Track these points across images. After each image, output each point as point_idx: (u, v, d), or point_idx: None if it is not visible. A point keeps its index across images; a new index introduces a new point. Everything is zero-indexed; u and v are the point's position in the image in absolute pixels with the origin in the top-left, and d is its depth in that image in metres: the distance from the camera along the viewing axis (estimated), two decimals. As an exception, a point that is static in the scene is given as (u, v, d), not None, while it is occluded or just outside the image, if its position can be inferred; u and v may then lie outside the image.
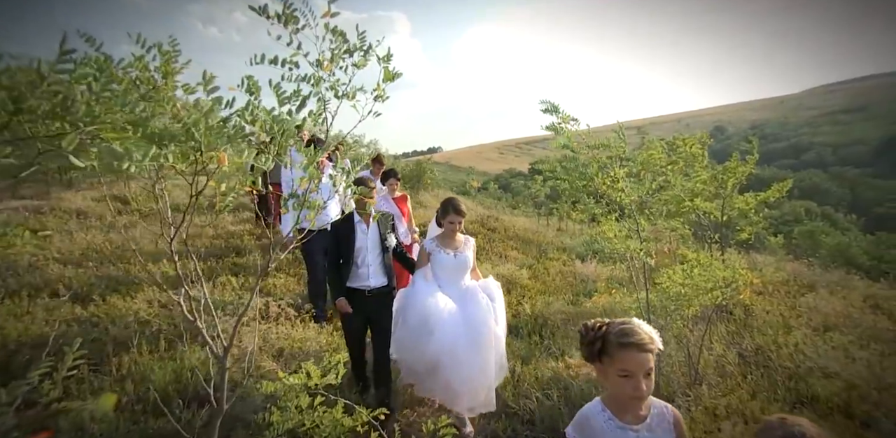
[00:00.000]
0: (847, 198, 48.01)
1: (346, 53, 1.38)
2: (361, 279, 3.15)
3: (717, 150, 11.07)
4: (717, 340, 4.34)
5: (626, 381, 1.34)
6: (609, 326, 1.41)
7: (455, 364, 2.89)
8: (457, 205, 3.22)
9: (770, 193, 4.87)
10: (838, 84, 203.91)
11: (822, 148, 70.41)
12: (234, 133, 1.10)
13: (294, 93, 1.23)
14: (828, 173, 54.37)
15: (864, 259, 15.00)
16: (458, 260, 3.22)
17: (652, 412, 1.46)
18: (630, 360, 1.33)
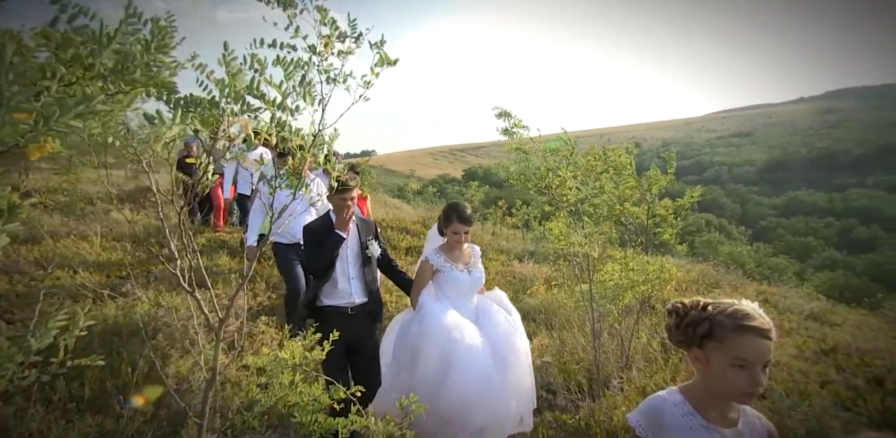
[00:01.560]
0: (738, 212, 54.47)
1: (339, 39, 1.42)
2: (342, 295, 2.63)
3: (636, 164, 12.21)
4: (643, 331, 4.81)
5: (739, 373, 1.11)
6: (717, 306, 1.19)
7: (485, 398, 2.43)
8: (462, 211, 2.72)
9: (686, 200, 5.49)
10: (729, 111, 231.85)
11: (719, 166, 79.31)
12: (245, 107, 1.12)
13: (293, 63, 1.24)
14: (724, 189, 61.33)
15: (752, 265, 17.24)
16: (473, 277, 2.77)
17: (742, 418, 1.23)
18: (750, 347, 1.11)
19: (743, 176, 75.63)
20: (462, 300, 2.73)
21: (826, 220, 51.58)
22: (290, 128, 1.14)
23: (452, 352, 2.44)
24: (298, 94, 1.12)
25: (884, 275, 33.31)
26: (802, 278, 22.75)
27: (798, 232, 46.72)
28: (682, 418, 1.19)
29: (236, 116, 1.04)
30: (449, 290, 2.73)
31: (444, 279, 2.72)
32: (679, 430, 1.17)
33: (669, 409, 1.21)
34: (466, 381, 2.39)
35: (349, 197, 2.60)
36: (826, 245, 43.60)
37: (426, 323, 2.59)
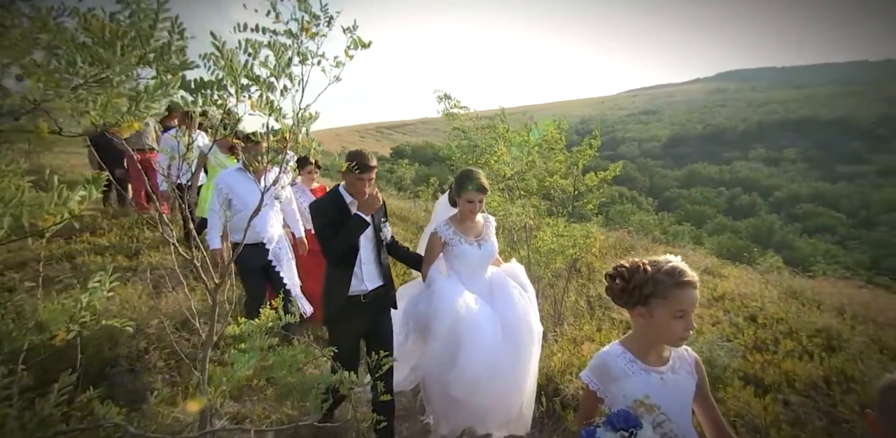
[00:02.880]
0: (647, 184, 59.61)
1: (315, 23, 1.52)
2: (356, 281, 2.46)
3: None
4: (572, 291, 5.38)
5: (678, 322, 1.29)
6: (656, 265, 1.33)
7: (495, 380, 2.33)
8: (476, 177, 2.48)
9: (609, 172, 6.07)
10: (638, 90, 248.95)
11: (630, 142, 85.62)
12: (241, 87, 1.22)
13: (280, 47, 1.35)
14: (635, 163, 66.54)
15: (658, 232, 19.30)
16: (483, 250, 2.57)
17: (673, 354, 1.42)
18: (687, 299, 1.27)
19: (650, 151, 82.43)
20: (473, 274, 2.56)
21: (718, 190, 58.14)
22: (279, 109, 1.24)
23: (461, 331, 2.33)
24: (286, 76, 1.22)
25: (760, 236, 38.65)
26: (698, 242, 25.87)
27: (695, 202, 52.34)
28: (626, 366, 1.36)
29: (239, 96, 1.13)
30: (458, 264, 2.55)
31: (453, 253, 2.53)
32: (624, 376, 1.35)
33: (613, 360, 1.38)
34: (476, 361, 2.28)
35: (369, 177, 2.38)
36: (717, 212, 49.36)
37: (434, 301, 2.45)
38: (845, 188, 57.28)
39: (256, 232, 3.31)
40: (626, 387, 1.33)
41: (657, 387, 1.33)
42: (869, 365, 3.02)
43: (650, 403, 1.25)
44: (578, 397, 2.97)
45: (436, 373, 2.44)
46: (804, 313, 4.33)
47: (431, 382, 2.51)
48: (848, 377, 2.93)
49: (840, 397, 2.69)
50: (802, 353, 3.43)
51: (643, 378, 1.34)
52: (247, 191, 3.26)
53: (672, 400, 1.32)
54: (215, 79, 1.10)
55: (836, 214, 49.74)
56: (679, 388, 1.37)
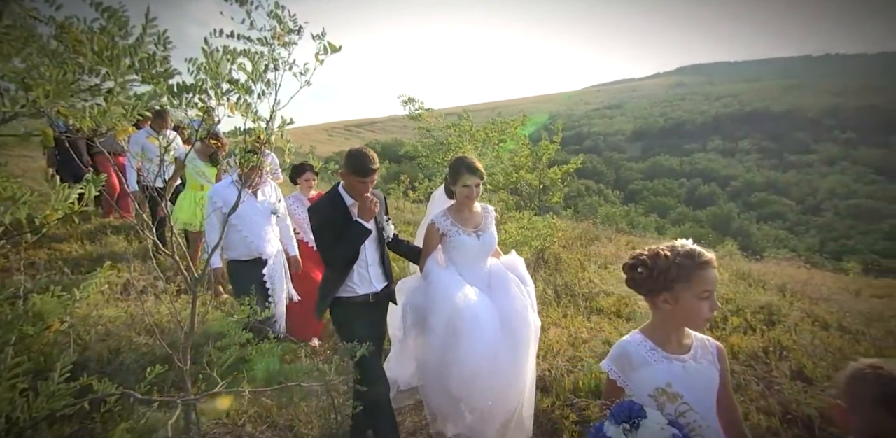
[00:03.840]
0: (613, 177, 61.30)
1: (286, 32, 1.62)
2: (363, 284, 2.37)
3: None
4: (539, 280, 5.62)
5: (703, 303, 1.28)
6: (674, 250, 1.33)
7: (495, 374, 2.26)
8: (471, 162, 2.41)
9: (570, 166, 6.34)
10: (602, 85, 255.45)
11: (596, 136, 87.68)
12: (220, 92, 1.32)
13: (257, 54, 1.46)
14: (601, 157, 68.28)
15: (624, 223, 20.03)
16: (482, 241, 2.49)
17: (694, 343, 1.40)
18: (710, 278, 1.28)
19: (615, 144, 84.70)
20: (472, 266, 2.49)
21: (679, 181, 60.35)
22: (255, 111, 1.34)
23: (459, 324, 2.26)
24: (262, 81, 1.33)
25: (719, 224, 40.49)
26: (661, 232, 26.96)
27: (658, 193, 54.23)
28: (647, 354, 1.34)
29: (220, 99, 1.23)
30: (457, 256, 2.49)
31: (451, 244, 2.47)
32: (645, 364, 1.33)
33: (634, 349, 1.36)
34: (475, 355, 2.21)
35: (371, 180, 2.26)
36: (679, 202, 51.32)
37: (431, 292, 2.40)
38: (794, 176, 60.61)
39: (253, 248, 3.15)
40: (647, 375, 1.31)
41: (679, 375, 1.31)
42: (802, 335, 3.35)
43: (672, 391, 1.26)
44: (548, 379, 3.17)
45: (434, 369, 2.36)
46: (750, 292, 4.70)
47: (430, 379, 2.42)
48: (783, 346, 3.25)
49: (775, 364, 2.99)
50: (747, 328, 3.76)
51: (665, 366, 1.32)
52: (241, 206, 3.11)
53: (695, 389, 1.30)
54: (197, 84, 1.19)
55: (787, 201, 52.63)
56: (702, 377, 1.33)
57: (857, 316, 4.04)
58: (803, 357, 3.02)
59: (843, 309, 4.21)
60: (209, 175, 4.23)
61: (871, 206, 47.58)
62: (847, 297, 4.93)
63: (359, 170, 2.23)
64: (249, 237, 3.11)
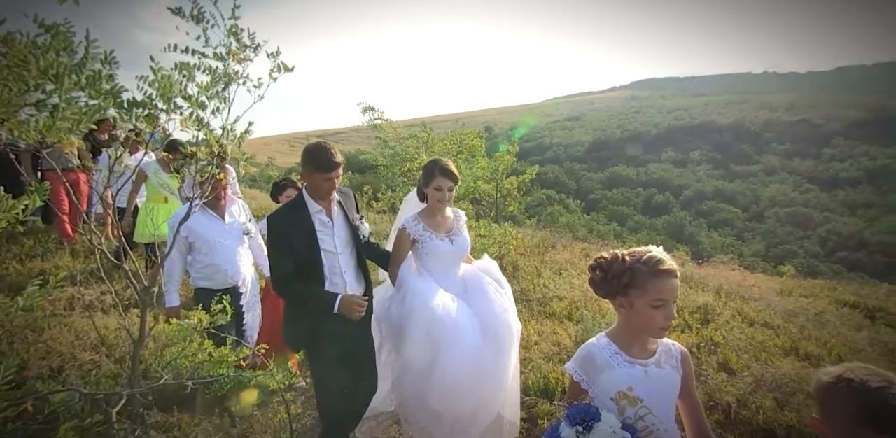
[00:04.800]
0: (573, 187, 63.16)
1: (243, 49, 1.72)
2: (338, 292, 2.15)
3: (488, 147, 13.77)
4: (497, 287, 5.82)
5: (658, 311, 1.28)
6: (634, 255, 1.33)
7: (478, 383, 2.18)
8: (444, 165, 2.33)
9: (526, 176, 6.60)
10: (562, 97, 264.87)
11: (557, 147, 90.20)
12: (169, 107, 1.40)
13: (213, 70, 1.54)
14: (562, 168, 70.27)
15: (584, 231, 20.76)
16: (456, 246, 2.41)
17: (659, 347, 1.42)
18: (666, 288, 1.27)
19: (575, 155, 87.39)
20: (446, 272, 2.41)
21: (636, 191, 62.86)
22: (208, 126, 1.43)
23: (439, 334, 2.16)
24: (218, 98, 1.42)
25: (673, 231, 42.41)
26: (621, 240, 28.01)
27: (617, 202, 56.25)
28: (611, 357, 1.36)
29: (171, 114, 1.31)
30: (430, 262, 2.39)
31: (424, 249, 2.37)
32: (609, 368, 1.34)
33: (599, 351, 1.38)
34: (456, 364, 2.12)
35: (336, 175, 2.07)
36: (636, 211, 53.40)
37: (408, 301, 2.26)
38: (739, 185, 64.36)
39: (228, 276, 2.83)
40: (610, 379, 1.34)
41: (641, 379, 1.33)
42: (731, 332, 3.65)
43: (633, 395, 1.29)
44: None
45: (412, 383, 2.24)
46: (690, 294, 5.04)
47: (408, 394, 2.29)
48: (714, 342, 3.53)
49: (705, 358, 3.26)
50: (685, 327, 4.04)
51: (627, 370, 1.34)
52: (207, 230, 2.79)
53: (656, 394, 1.33)
54: (147, 99, 1.27)
55: (734, 209, 55.75)
56: (663, 382, 1.36)
57: (781, 314, 4.42)
58: (729, 351, 3.30)
59: (769, 308, 4.59)
60: (174, 187, 4.10)
61: (806, 214, 51.17)
62: (776, 297, 5.36)
63: (321, 165, 2.02)
64: (222, 264, 2.81)
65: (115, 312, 3.94)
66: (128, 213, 4.27)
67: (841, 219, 48.87)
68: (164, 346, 2.57)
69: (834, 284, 6.78)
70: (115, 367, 3.25)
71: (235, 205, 3.00)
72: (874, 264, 34.02)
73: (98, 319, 3.81)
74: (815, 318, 4.43)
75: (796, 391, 2.63)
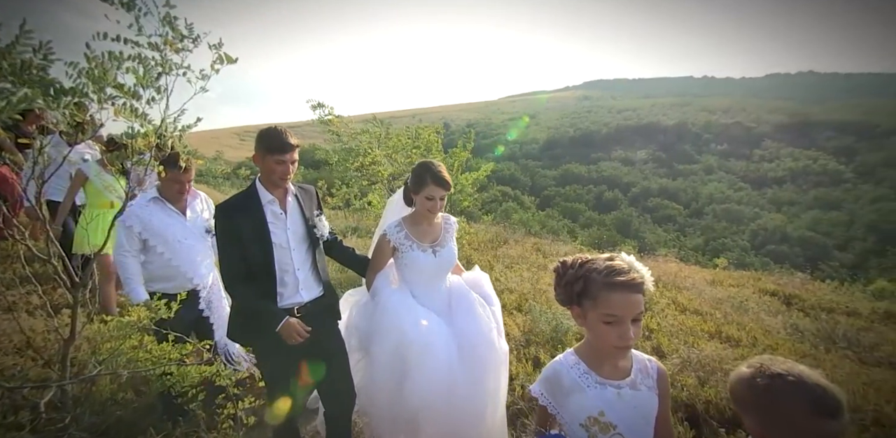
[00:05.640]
0: (528, 184, 64.65)
1: (179, 40, 1.68)
2: (289, 293, 2.03)
3: (445, 143, 13.92)
4: (451, 281, 5.93)
5: (610, 329, 1.14)
6: (592, 263, 1.20)
7: (450, 409, 2.00)
8: (437, 172, 2.12)
9: (480, 173, 6.71)
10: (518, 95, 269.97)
11: (513, 145, 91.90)
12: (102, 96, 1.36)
13: (143, 59, 1.50)
14: (517, 165, 71.71)
15: (537, 227, 21.39)
16: (440, 258, 2.20)
17: (634, 366, 1.27)
18: (618, 303, 1.13)
19: (530, 153, 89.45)
20: (428, 285, 2.21)
21: (587, 188, 65.22)
22: (144, 116, 1.39)
23: (406, 355, 2.01)
24: (153, 87, 1.38)
25: (622, 227, 44.42)
26: (573, 236, 29.08)
27: (569, 199, 58.16)
28: (579, 378, 1.22)
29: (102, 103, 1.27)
30: (410, 274, 2.20)
31: (403, 260, 2.18)
32: (577, 390, 1.21)
33: (566, 371, 1.24)
34: (424, 388, 1.97)
35: (291, 159, 1.95)
36: (587, 207, 55.45)
37: (378, 317, 2.12)
38: (682, 183, 68.30)
39: (187, 279, 2.59)
40: (579, 402, 1.21)
41: (613, 403, 1.20)
42: (665, 318, 3.92)
43: (605, 421, 1.16)
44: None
45: (380, 401, 2.11)
46: (631, 285, 5.35)
47: (376, 408, 2.17)
48: (650, 329, 3.80)
49: (640, 344, 3.50)
50: (625, 315, 4.30)
51: (598, 392, 1.21)
52: (167, 227, 2.55)
53: (630, 418, 1.20)
54: (77, 87, 1.23)
55: (676, 206, 59.13)
56: (639, 405, 1.23)
57: (710, 301, 4.81)
58: (662, 336, 3.57)
59: (700, 296, 4.97)
60: (120, 190, 3.59)
61: (739, 210, 55.14)
62: (707, 287, 5.80)
63: (273, 146, 1.90)
64: (182, 266, 2.56)
65: (42, 313, 3.69)
66: (59, 216, 3.85)
67: (769, 216, 53.07)
68: (99, 346, 2.45)
69: (759, 275, 7.41)
70: (44, 370, 3.08)
71: (198, 200, 2.76)
72: (795, 256, 37.22)
73: (23, 321, 3.56)
74: (739, 305, 4.85)
75: (716, 370, 2.91)
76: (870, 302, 5.80)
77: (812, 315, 4.96)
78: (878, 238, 44.32)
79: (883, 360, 3.82)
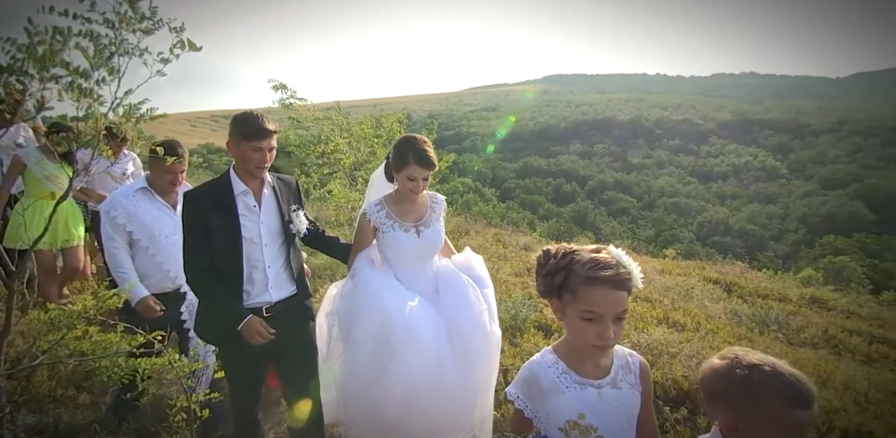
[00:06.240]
0: (489, 176, 65.34)
1: (138, 20, 1.58)
2: (254, 292, 1.87)
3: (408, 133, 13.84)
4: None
5: (588, 326, 1.07)
6: (577, 254, 1.13)
7: (438, 398, 1.87)
8: (422, 151, 1.95)
9: (442, 163, 6.73)
10: (479, 87, 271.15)
11: (474, 136, 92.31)
12: None
13: (94, 36, 1.41)
14: (479, 157, 72.20)
15: (498, 219, 21.77)
16: (424, 239, 2.06)
17: (615, 362, 1.20)
18: (598, 299, 1.06)
19: (493, 144, 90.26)
20: (412, 268, 2.07)
21: (546, 180, 66.70)
22: (95, 97, 1.31)
23: (390, 337, 1.86)
24: (105, 66, 1.30)
25: (579, 219, 45.90)
26: (532, 227, 29.80)
27: (529, 191, 59.35)
28: (558, 378, 1.14)
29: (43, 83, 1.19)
30: (392, 255, 2.07)
31: (384, 241, 2.05)
32: (556, 392, 1.13)
33: (544, 371, 1.16)
34: (411, 374, 1.83)
35: (269, 145, 1.82)
36: (546, 200, 56.81)
37: (357, 296, 1.97)
38: (635, 177, 71.15)
39: (170, 278, 2.42)
40: (558, 405, 1.14)
41: (594, 404, 1.14)
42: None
43: (585, 424, 1.10)
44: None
45: (360, 390, 1.94)
46: (587, 274, 5.57)
47: (354, 401, 1.98)
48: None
49: (595, 329, 3.68)
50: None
51: (577, 393, 1.14)
52: (154, 221, 2.38)
53: (612, 420, 1.14)
54: (15, 64, 1.14)
55: (630, 199, 61.62)
56: (621, 405, 1.16)
57: (659, 289, 5.09)
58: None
59: (650, 285, 5.24)
60: (63, 179, 3.40)
61: (688, 203, 58.20)
62: (657, 276, 6.12)
63: (250, 132, 1.77)
64: (166, 263, 2.39)
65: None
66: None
67: (713, 209, 56.32)
68: (38, 337, 2.32)
69: (704, 264, 7.90)
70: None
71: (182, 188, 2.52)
72: (736, 247, 39.79)
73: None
74: (685, 293, 5.16)
75: (663, 353, 3.12)
76: (798, 289, 6.32)
77: (749, 301, 5.35)
78: (808, 230, 48.19)
79: (807, 341, 4.19)
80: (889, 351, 4.04)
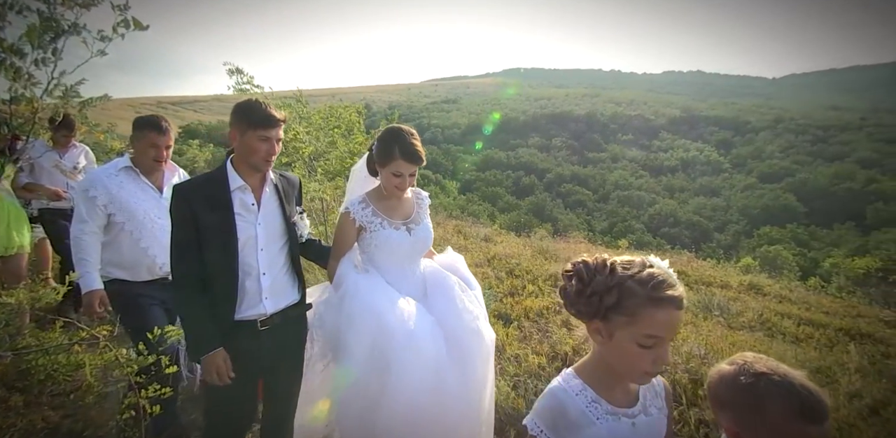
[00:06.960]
0: (450, 168, 65.45)
1: None
2: (249, 302, 1.67)
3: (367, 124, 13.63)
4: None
5: (645, 353, 0.94)
6: (628, 269, 0.98)
7: (442, 410, 1.71)
8: (409, 144, 1.79)
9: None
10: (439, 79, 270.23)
11: (434, 128, 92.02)
12: None
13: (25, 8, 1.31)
14: (440, 149, 72.09)
15: (458, 211, 21.95)
16: (415, 237, 1.92)
17: (642, 387, 1.08)
18: (664, 322, 0.93)
19: (452, 137, 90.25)
20: (402, 270, 1.92)
21: (506, 173, 67.60)
22: (29, 77, 1.21)
23: (387, 346, 1.70)
24: (44, 47, 1.20)
25: (538, 211, 46.93)
26: (493, 219, 30.23)
27: (490, 184, 59.98)
28: (587, 409, 1.00)
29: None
30: (381, 257, 1.90)
31: (373, 241, 1.87)
32: (587, 424, 0.99)
33: (571, 401, 1.01)
34: (412, 386, 1.67)
35: (277, 136, 1.67)
36: (506, 192, 57.64)
37: (347, 305, 1.78)
38: (591, 170, 73.39)
39: (156, 264, 2.23)
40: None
41: (628, 436, 1.01)
42: (574, 294, 4.28)
43: None
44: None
45: (355, 410, 1.75)
46: (545, 264, 5.73)
47: (350, 423, 1.79)
48: (561, 304, 4.11)
49: (552, 317, 3.80)
50: (539, 293, 4.61)
51: (610, 425, 1.00)
52: (138, 202, 2.21)
53: None
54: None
55: (586, 191, 63.57)
56: (651, 433, 1.05)
57: (613, 277, 5.32)
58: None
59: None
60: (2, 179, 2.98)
61: (640, 196, 60.74)
62: (611, 264, 6.39)
63: (258, 119, 1.60)
64: (151, 249, 2.21)
65: None
66: None
67: (663, 201, 59.09)
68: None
69: (655, 254, 8.30)
70: None
71: (176, 175, 2.43)
72: (684, 238, 42.03)
73: None
74: (637, 280, 5.42)
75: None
76: (738, 277, 6.78)
77: (695, 288, 5.69)
78: (748, 221, 51.56)
79: (745, 325, 4.52)
80: (813, 332, 4.42)
